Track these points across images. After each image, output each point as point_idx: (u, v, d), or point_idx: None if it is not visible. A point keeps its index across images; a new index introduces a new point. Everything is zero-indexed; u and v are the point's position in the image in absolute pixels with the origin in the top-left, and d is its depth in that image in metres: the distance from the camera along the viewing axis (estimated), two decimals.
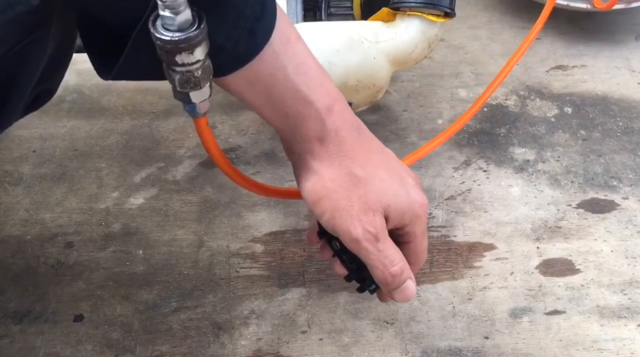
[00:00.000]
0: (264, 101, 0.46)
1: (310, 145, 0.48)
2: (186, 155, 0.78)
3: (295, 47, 0.45)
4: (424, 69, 0.88)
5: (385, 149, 0.51)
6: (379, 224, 0.48)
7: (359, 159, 0.48)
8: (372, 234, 0.48)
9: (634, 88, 0.87)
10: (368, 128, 0.50)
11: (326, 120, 0.47)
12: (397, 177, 0.50)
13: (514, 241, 0.70)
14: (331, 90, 0.47)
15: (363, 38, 0.67)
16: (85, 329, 0.63)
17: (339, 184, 0.48)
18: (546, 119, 0.83)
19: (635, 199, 0.74)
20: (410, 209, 0.50)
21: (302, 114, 0.46)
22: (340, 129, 0.48)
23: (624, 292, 0.66)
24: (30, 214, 0.72)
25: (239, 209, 0.73)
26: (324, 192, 0.48)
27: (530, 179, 0.76)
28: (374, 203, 0.48)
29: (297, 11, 0.72)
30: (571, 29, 0.95)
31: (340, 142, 0.48)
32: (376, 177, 0.48)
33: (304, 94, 0.46)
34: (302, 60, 0.45)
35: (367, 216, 0.48)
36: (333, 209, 0.48)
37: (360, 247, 0.48)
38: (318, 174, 0.48)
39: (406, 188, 0.50)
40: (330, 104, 0.47)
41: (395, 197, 0.49)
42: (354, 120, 0.49)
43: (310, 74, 0.46)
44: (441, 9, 0.66)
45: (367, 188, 0.48)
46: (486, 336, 0.63)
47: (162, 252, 0.69)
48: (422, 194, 0.51)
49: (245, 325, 0.63)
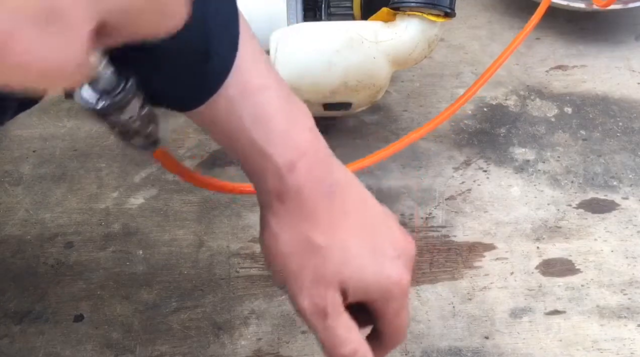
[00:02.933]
0: (225, 144, 0.44)
1: (269, 200, 0.43)
2: (186, 155, 0.78)
3: (257, 97, 0.42)
4: (424, 69, 0.88)
5: (368, 211, 0.45)
6: (330, 299, 0.43)
7: (322, 224, 0.43)
8: (320, 309, 0.43)
9: (634, 88, 0.87)
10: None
11: (286, 177, 0.42)
12: (369, 247, 0.44)
13: (514, 241, 0.70)
14: (298, 145, 0.42)
15: (363, 38, 0.67)
16: (85, 329, 0.63)
17: (294, 250, 0.43)
18: (546, 119, 0.83)
19: (635, 199, 0.74)
20: (378, 285, 0.44)
21: (261, 167, 0.43)
22: (304, 188, 0.42)
23: (624, 292, 0.66)
24: (30, 214, 0.72)
25: (239, 209, 0.73)
26: (276, 253, 0.44)
27: (530, 179, 0.76)
28: (328, 275, 0.43)
29: (297, 11, 0.72)
30: (571, 29, 0.95)
31: (302, 202, 0.43)
32: (338, 247, 0.43)
33: (261, 146, 0.42)
34: (262, 112, 0.42)
35: (317, 289, 0.43)
36: (284, 273, 0.44)
37: (306, 320, 0.44)
38: (274, 233, 0.43)
39: (379, 260, 0.44)
40: (293, 160, 0.42)
41: (358, 271, 0.43)
42: (325, 177, 0.43)
43: (270, 126, 0.42)
44: (441, 9, 0.66)
45: (324, 258, 0.43)
46: (486, 336, 0.63)
47: (162, 252, 0.69)
48: (400, 269, 0.44)
49: (245, 325, 0.63)
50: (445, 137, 0.80)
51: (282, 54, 0.68)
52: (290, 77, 0.68)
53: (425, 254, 0.69)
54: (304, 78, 0.68)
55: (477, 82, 0.73)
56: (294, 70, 0.68)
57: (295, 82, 0.68)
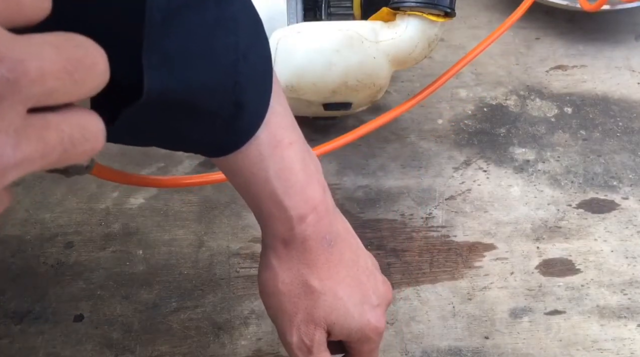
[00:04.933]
0: (242, 190, 0.47)
1: (275, 243, 0.47)
2: (186, 155, 0.78)
3: (285, 151, 0.45)
4: (424, 69, 0.88)
5: (359, 262, 0.50)
6: (317, 338, 0.48)
7: (320, 272, 0.47)
8: (307, 346, 0.48)
9: (634, 88, 0.87)
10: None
11: (295, 227, 0.46)
12: (357, 296, 0.49)
13: (514, 241, 0.70)
14: (312, 199, 0.46)
15: (363, 38, 0.67)
16: (85, 329, 0.63)
17: (291, 289, 0.47)
18: (546, 119, 0.83)
19: (635, 199, 0.74)
20: (359, 330, 0.49)
21: (274, 214, 0.46)
22: (309, 238, 0.47)
23: (624, 292, 0.66)
24: (30, 214, 0.72)
25: (239, 209, 0.73)
26: (274, 290, 0.48)
27: (530, 179, 0.76)
28: (318, 317, 0.47)
29: (297, 11, 0.72)
30: (571, 29, 0.95)
31: (305, 250, 0.47)
32: (331, 293, 0.48)
33: (280, 198, 0.45)
34: (287, 166, 0.45)
35: (307, 327, 0.47)
36: (278, 309, 0.48)
37: (291, 354, 0.49)
38: (274, 272, 0.48)
39: (364, 309, 0.49)
40: (304, 213, 0.46)
41: (344, 317, 0.48)
42: (328, 231, 0.48)
43: (292, 180, 0.45)
44: (441, 8, 0.66)
45: (317, 301, 0.47)
46: (486, 336, 0.63)
47: (162, 252, 0.69)
48: (380, 316, 0.50)
49: (245, 325, 0.63)
50: (445, 137, 0.80)
51: (282, 54, 0.68)
52: (290, 77, 0.68)
53: (425, 254, 0.69)
54: (304, 78, 0.68)
55: (472, 51, 0.74)
56: (294, 70, 0.68)
57: (295, 82, 0.68)
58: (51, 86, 0.24)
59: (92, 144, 0.26)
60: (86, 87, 0.25)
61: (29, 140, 0.24)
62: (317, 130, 0.80)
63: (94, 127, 0.26)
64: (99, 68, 0.25)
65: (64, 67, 0.24)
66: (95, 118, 0.26)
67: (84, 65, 0.25)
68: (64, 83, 0.24)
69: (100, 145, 0.26)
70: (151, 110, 0.39)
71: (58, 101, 0.25)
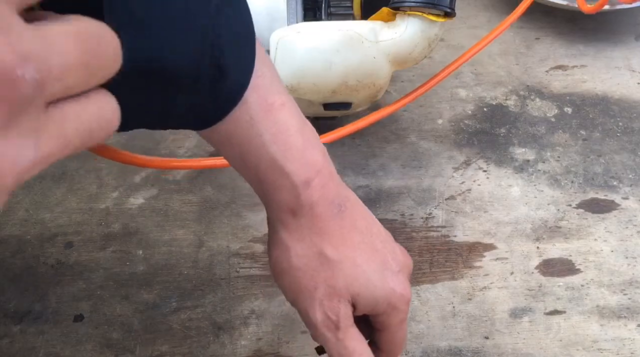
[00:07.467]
0: (238, 162, 0.44)
1: (282, 215, 0.44)
2: (186, 155, 0.78)
3: (278, 114, 0.43)
4: (424, 69, 0.88)
5: (373, 228, 0.47)
6: (343, 312, 0.44)
7: (333, 239, 0.45)
8: (333, 322, 0.44)
9: (634, 88, 0.87)
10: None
11: (301, 194, 0.43)
12: (377, 262, 0.46)
13: (514, 241, 0.70)
14: (314, 162, 0.44)
15: (363, 38, 0.67)
16: (85, 329, 0.63)
17: (305, 262, 0.44)
18: (546, 119, 0.83)
19: (635, 199, 0.74)
20: (385, 300, 0.45)
21: (277, 183, 0.43)
22: (317, 204, 0.44)
23: (624, 292, 0.67)
24: (30, 214, 0.72)
25: (239, 209, 0.73)
26: (288, 267, 0.45)
27: (530, 179, 0.76)
28: (340, 289, 0.44)
29: (297, 11, 0.72)
30: (571, 29, 0.95)
31: (315, 217, 0.44)
32: (349, 261, 0.45)
33: (280, 164, 0.43)
34: (283, 129, 0.43)
35: (331, 301, 0.44)
36: (296, 288, 0.45)
37: (318, 333, 0.45)
38: (285, 246, 0.45)
39: (385, 275, 0.46)
40: (309, 177, 0.43)
41: (367, 286, 0.45)
42: (336, 195, 0.45)
43: (290, 143, 0.43)
44: (441, 8, 0.66)
45: (336, 271, 0.44)
46: (486, 336, 0.63)
47: (162, 252, 0.69)
48: (404, 283, 0.46)
49: (245, 325, 0.64)
50: (445, 137, 0.80)
51: (282, 54, 0.68)
52: (290, 77, 0.68)
53: (425, 254, 0.69)
54: (304, 78, 0.68)
55: (472, 47, 0.74)
56: (294, 70, 0.68)
57: (295, 82, 0.68)
58: (72, 82, 0.23)
59: (107, 131, 0.26)
60: (99, 77, 0.25)
61: (50, 137, 0.23)
62: (316, 130, 0.80)
63: (109, 113, 0.26)
64: (113, 57, 0.25)
65: (83, 60, 0.23)
66: (109, 99, 0.26)
67: (99, 56, 0.24)
68: (82, 75, 0.24)
69: (114, 128, 0.26)
70: (129, 84, 0.36)
71: (73, 93, 0.24)
